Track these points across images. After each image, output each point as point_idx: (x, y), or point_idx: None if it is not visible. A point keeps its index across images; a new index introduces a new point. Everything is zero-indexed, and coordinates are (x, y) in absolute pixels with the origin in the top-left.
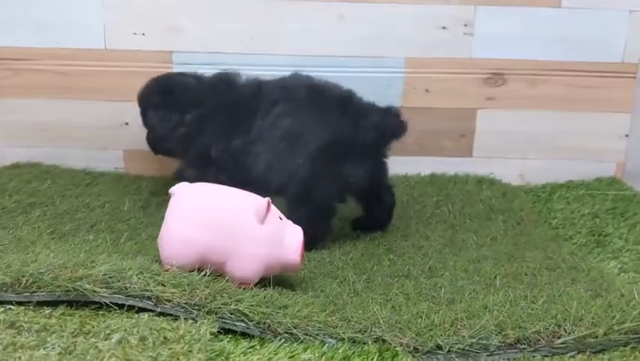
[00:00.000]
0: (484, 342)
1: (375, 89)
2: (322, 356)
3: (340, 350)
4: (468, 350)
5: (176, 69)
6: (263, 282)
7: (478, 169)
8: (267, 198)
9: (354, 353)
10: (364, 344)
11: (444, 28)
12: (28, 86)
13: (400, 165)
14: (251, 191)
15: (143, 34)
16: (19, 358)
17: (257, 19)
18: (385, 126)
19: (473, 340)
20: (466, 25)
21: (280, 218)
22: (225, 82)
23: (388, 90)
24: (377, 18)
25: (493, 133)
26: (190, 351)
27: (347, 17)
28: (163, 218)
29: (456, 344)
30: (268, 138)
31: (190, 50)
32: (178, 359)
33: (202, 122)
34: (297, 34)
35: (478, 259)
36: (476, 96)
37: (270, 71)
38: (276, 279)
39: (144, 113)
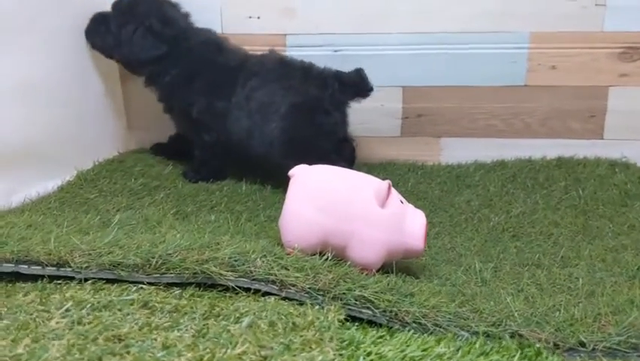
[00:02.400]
0: (633, 341)
1: (496, 66)
2: (458, 350)
3: (477, 345)
4: (615, 349)
5: (290, 52)
6: (384, 268)
7: (609, 152)
8: (388, 181)
9: (492, 348)
10: (500, 338)
11: None
12: None
13: (523, 147)
14: (233, 153)
15: (258, 17)
16: (155, 339)
17: None
18: (359, 86)
19: (621, 338)
20: None
21: (401, 202)
22: (214, 44)
23: (511, 67)
24: None
25: (627, 113)
26: (321, 340)
27: None
28: (279, 200)
29: (601, 341)
30: (245, 107)
31: (303, 32)
32: (311, 347)
33: (188, 77)
34: (412, 11)
35: (617, 249)
36: (608, 73)
37: (383, 51)
38: (398, 265)
39: (131, 25)
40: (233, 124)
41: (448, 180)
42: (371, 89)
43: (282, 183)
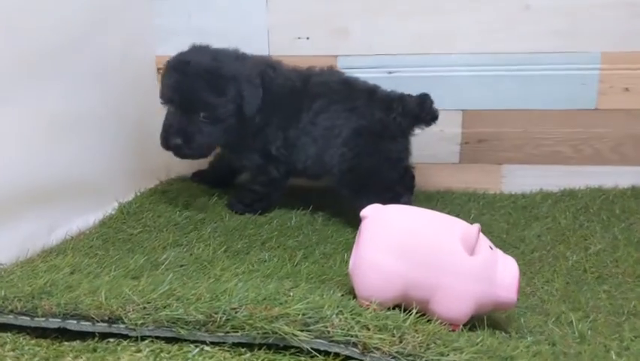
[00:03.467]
0: None
1: (565, 88)
2: None
3: None
4: None
5: None
6: (470, 321)
7: None
8: (477, 225)
9: None
10: None
11: None
12: None
13: (592, 175)
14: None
15: (308, 38)
16: None
17: (426, 16)
18: (422, 112)
19: None
20: None
21: (490, 248)
22: (275, 66)
23: (581, 90)
24: (568, 8)
25: None
26: None
27: (533, 8)
28: (332, 234)
29: None
30: (310, 132)
31: (356, 53)
32: None
33: (270, 114)
34: (474, 30)
35: None
36: None
37: (441, 72)
38: (482, 321)
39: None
40: (300, 151)
41: (513, 211)
42: (435, 118)
43: (334, 214)
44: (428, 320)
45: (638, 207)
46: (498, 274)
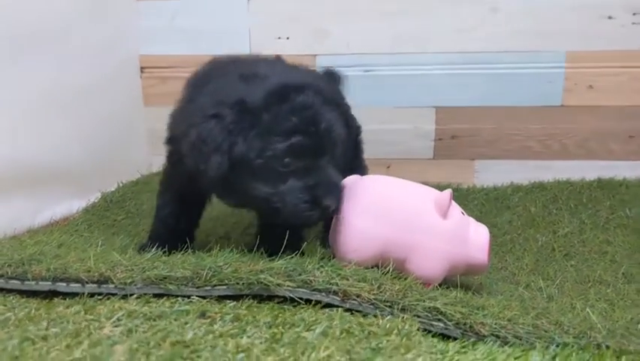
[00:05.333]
0: None
1: (531, 86)
2: (554, 358)
3: (572, 354)
4: None
5: None
6: (444, 284)
7: None
8: (449, 190)
9: (590, 357)
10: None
11: (610, 17)
12: (175, 94)
13: (560, 169)
14: None
15: (288, 37)
16: (225, 345)
17: (403, 17)
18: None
19: None
20: (635, 13)
21: (462, 213)
22: None
23: (547, 87)
24: (534, 9)
25: None
26: (410, 345)
27: (501, 10)
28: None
29: None
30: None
31: (334, 53)
32: (401, 351)
33: None
34: (446, 31)
35: None
36: None
37: (415, 70)
38: (456, 283)
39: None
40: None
41: (486, 201)
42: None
43: None
44: (404, 278)
45: (604, 197)
46: (470, 238)
